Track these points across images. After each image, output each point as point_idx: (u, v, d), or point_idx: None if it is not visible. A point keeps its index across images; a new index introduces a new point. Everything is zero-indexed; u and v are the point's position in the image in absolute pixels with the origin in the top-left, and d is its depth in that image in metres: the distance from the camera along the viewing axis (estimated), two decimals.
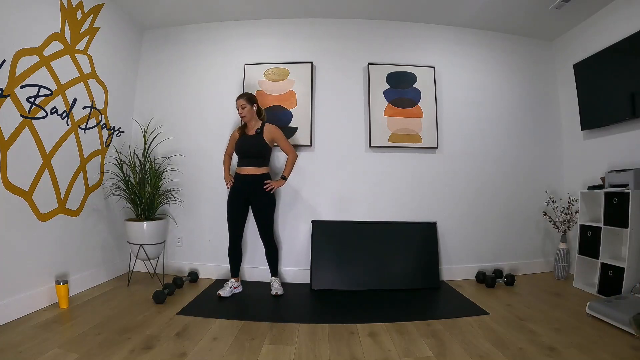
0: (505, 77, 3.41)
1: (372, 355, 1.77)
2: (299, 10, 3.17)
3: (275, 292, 2.66)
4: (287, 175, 2.78)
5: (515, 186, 3.34)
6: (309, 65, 3.21)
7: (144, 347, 1.79)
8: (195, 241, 3.23)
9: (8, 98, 2.05)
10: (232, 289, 2.67)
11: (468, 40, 3.37)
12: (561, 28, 3.31)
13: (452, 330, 2.06)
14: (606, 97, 2.88)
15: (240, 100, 2.67)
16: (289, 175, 2.78)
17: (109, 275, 2.97)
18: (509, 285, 2.94)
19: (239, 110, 2.67)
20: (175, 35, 3.37)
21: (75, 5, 2.56)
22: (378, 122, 3.17)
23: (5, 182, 2.05)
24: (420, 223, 3.13)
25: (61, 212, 2.49)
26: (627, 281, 2.40)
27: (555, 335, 1.97)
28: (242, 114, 2.67)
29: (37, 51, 2.24)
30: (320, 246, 2.98)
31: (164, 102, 3.32)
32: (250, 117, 2.69)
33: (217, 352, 1.77)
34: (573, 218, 3.10)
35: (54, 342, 1.79)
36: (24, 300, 2.14)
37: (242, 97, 2.68)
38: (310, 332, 2.04)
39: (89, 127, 2.76)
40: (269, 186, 2.66)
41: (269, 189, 2.67)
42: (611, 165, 2.87)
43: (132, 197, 2.87)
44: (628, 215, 2.41)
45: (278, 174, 2.97)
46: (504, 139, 3.35)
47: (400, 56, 3.28)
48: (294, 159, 2.79)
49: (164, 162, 3.14)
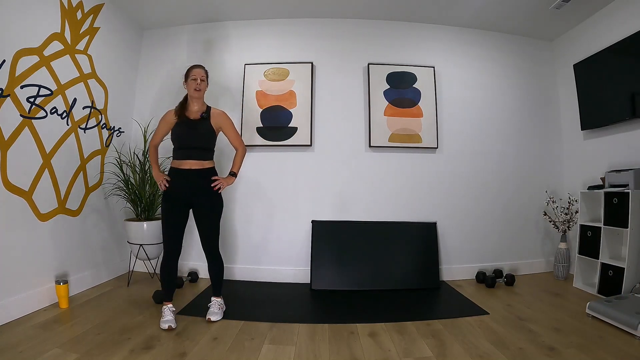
0: (505, 77, 3.41)
1: (372, 355, 1.77)
2: (299, 10, 3.17)
3: (208, 318, 2.14)
4: (237, 172, 2.30)
5: (515, 186, 3.34)
6: (309, 65, 3.21)
7: (144, 347, 1.79)
8: (195, 241, 3.19)
9: (8, 98, 2.05)
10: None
11: (468, 40, 3.37)
12: (561, 28, 3.31)
13: (452, 330, 2.06)
14: (606, 97, 2.88)
15: (200, 70, 2.17)
16: (238, 171, 2.30)
17: (109, 275, 2.97)
18: (509, 285, 2.94)
19: (196, 81, 2.14)
20: (175, 35, 3.37)
21: (75, 6, 2.56)
22: (378, 122, 3.17)
23: (5, 182, 2.05)
24: (420, 223, 3.13)
25: (61, 212, 2.49)
26: (627, 281, 2.40)
27: (555, 335, 1.97)
28: (199, 88, 2.15)
29: (37, 51, 2.24)
30: (320, 246, 2.98)
31: (164, 102, 3.31)
32: (202, 95, 2.20)
33: (217, 352, 1.77)
34: (573, 218, 3.10)
35: (54, 342, 1.78)
36: (24, 300, 2.14)
37: (202, 67, 2.20)
38: (310, 332, 2.04)
39: (89, 127, 2.76)
40: (218, 184, 2.16)
41: (217, 188, 2.17)
42: (611, 165, 2.87)
43: (132, 197, 2.87)
44: (628, 215, 2.41)
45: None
46: (504, 139, 3.35)
47: (400, 56, 3.28)
48: (244, 152, 2.32)
49: (164, 162, 3.13)
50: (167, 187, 2.14)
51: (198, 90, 2.15)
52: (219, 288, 2.28)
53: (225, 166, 2.75)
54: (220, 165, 2.51)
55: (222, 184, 2.19)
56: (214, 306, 2.22)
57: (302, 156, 3.14)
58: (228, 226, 3.16)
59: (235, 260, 3.14)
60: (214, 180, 2.17)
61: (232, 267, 3.08)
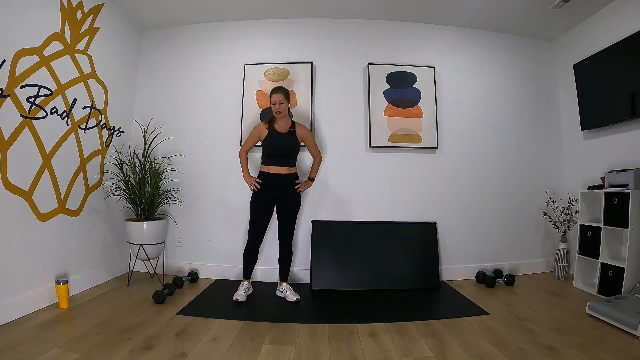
0: (505, 77, 3.41)
1: (372, 355, 1.77)
2: (299, 10, 3.17)
3: (296, 299, 2.53)
4: (314, 177, 2.76)
5: (515, 186, 3.34)
6: (309, 65, 3.21)
7: (144, 347, 1.79)
8: (195, 241, 3.23)
9: (8, 98, 2.05)
10: (247, 292, 2.60)
11: (468, 40, 3.37)
12: (561, 28, 3.31)
13: (452, 330, 2.06)
14: (606, 97, 2.88)
15: (278, 95, 2.50)
16: (315, 177, 2.77)
17: (109, 275, 2.97)
18: (509, 285, 2.94)
19: (275, 105, 2.50)
20: (175, 35, 3.37)
21: (75, 6, 2.56)
22: (378, 122, 3.17)
23: (5, 182, 2.05)
24: (420, 223, 3.13)
25: (61, 212, 2.49)
26: (627, 281, 2.40)
27: (555, 335, 1.97)
28: (280, 110, 2.51)
29: (37, 51, 2.24)
30: (320, 246, 2.98)
31: (164, 102, 3.32)
32: (285, 113, 2.56)
33: (217, 352, 1.77)
34: (573, 218, 3.10)
35: (54, 342, 1.79)
36: (24, 300, 2.14)
37: (280, 91, 2.52)
38: (310, 332, 2.04)
39: (89, 127, 2.76)
40: (300, 187, 2.61)
41: (299, 191, 2.62)
42: (611, 165, 2.87)
43: (132, 197, 2.87)
44: (628, 215, 2.41)
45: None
46: (504, 139, 3.35)
47: (400, 56, 3.28)
48: (321, 161, 2.80)
49: (164, 162, 3.14)
50: (258, 188, 2.55)
51: (278, 112, 2.53)
52: (287, 274, 2.71)
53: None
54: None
55: (302, 187, 2.63)
56: (287, 291, 2.60)
57: (302, 156, 3.14)
58: (228, 226, 3.16)
59: (236, 260, 3.13)
60: (297, 183, 2.60)
61: (232, 267, 3.08)
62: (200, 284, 2.96)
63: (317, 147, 2.77)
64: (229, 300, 2.54)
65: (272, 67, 3.22)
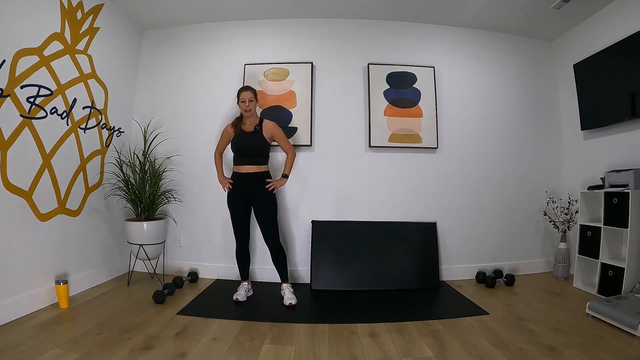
0: (505, 77, 3.41)
1: (372, 355, 1.77)
2: (299, 10, 3.17)
3: (289, 303, 2.44)
4: (288, 174, 2.66)
5: (515, 186, 3.34)
6: (309, 65, 3.21)
7: (144, 347, 1.79)
8: (195, 241, 3.23)
9: (8, 98, 2.05)
10: (247, 292, 2.61)
11: (468, 40, 3.37)
12: (561, 28, 3.31)
13: (452, 330, 2.06)
14: (606, 97, 2.88)
15: (247, 93, 2.49)
16: (289, 173, 2.67)
17: (109, 275, 2.97)
18: (509, 285, 2.94)
19: (245, 103, 2.49)
20: (175, 35, 3.37)
21: (75, 6, 2.56)
22: (378, 122, 3.17)
23: (5, 182, 2.05)
24: (420, 223, 3.13)
25: (61, 212, 2.49)
26: (627, 281, 2.40)
27: (555, 335, 1.97)
28: (249, 108, 2.49)
29: (37, 51, 2.24)
30: (320, 246, 2.98)
31: (164, 102, 3.32)
32: (254, 112, 2.54)
33: (217, 352, 1.77)
34: (573, 218, 3.10)
35: (54, 342, 1.79)
36: (24, 300, 2.14)
37: (249, 89, 2.52)
38: (310, 332, 2.04)
39: (89, 127, 2.76)
40: (271, 186, 2.53)
41: (271, 189, 2.54)
42: (611, 165, 2.87)
43: (132, 197, 2.87)
44: (628, 215, 2.41)
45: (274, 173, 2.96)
46: (504, 139, 3.35)
47: (400, 56, 3.28)
48: (294, 156, 2.69)
49: (164, 162, 3.14)
50: (230, 188, 2.55)
51: (248, 110, 2.51)
52: (286, 275, 2.64)
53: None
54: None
55: (275, 185, 2.55)
56: (286, 292, 2.54)
57: (302, 156, 3.14)
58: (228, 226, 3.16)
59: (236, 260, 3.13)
60: (268, 182, 2.53)
61: (232, 267, 3.07)
62: (200, 284, 2.96)
63: (289, 143, 2.69)
64: (228, 300, 2.54)
65: (272, 67, 3.22)
